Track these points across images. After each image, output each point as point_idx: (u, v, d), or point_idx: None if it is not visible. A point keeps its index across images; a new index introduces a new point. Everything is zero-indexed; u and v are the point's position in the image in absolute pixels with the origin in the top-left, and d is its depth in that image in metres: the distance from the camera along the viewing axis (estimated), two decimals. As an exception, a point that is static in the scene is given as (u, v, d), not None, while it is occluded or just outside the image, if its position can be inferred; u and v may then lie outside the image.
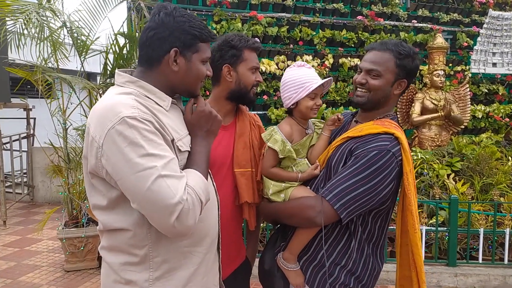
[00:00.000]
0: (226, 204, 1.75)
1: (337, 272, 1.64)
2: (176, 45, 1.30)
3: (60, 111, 4.43)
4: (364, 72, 1.68)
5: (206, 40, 1.36)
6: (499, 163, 5.07)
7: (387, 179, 1.53)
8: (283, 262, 1.73)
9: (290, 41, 5.79)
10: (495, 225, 3.95)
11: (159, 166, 1.13)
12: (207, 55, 1.38)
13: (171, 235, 1.19)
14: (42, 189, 7.54)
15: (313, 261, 1.69)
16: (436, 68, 5.61)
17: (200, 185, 1.23)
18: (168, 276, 1.28)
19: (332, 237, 1.66)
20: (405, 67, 1.63)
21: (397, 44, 1.64)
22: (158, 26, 1.30)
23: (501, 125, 6.21)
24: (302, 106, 1.72)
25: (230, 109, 1.86)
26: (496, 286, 3.87)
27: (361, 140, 1.59)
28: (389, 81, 1.64)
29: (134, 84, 1.30)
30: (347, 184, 1.52)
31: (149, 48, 1.31)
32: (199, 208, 1.20)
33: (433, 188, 4.57)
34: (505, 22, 6.04)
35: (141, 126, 1.15)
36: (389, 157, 1.52)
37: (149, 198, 1.12)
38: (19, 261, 4.66)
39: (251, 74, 1.79)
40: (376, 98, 1.66)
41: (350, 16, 6.13)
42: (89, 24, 4.64)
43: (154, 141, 1.16)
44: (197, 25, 1.33)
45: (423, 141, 5.61)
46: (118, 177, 1.16)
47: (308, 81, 1.69)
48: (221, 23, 5.53)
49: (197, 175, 1.26)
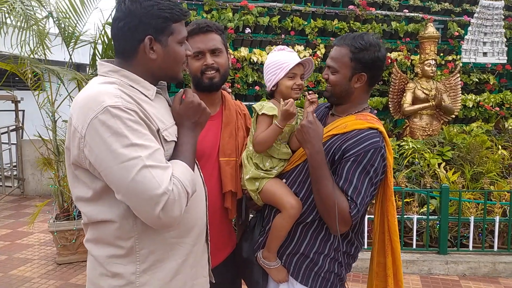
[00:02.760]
0: (216, 193, 1.75)
1: (321, 260, 1.69)
2: (149, 32, 1.24)
3: (49, 103, 4.37)
4: (327, 68, 1.75)
5: (179, 20, 1.30)
6: (489, 152, 5.12)
7: (382, 175, 1.65)
8: (263, 261, 1.74)
9: (282, 31, 5.75)
10: (485, 213, 4.00)
11: (143, 156, 1.10)
12: (183, 35, 1.32)
13: (157, 226, 1.17)
14: (32, 182, 7.46)
15: (296, 253, 1.72)
16: (427, 57, 5.62)
17: (186, 176, 1.21)
18: (155, 268, 1.26)
19: (312, 228, 1.70)
20: (361, 60, 1.65)
21: (355, 38, 1.67)
22: (126, 16, 1.24)
23: (491, 114, 6.25)
24: (282, 86, 1.75)
25: (214, 98, 1.83)
26: (485, 272, 3.93)
27: (349, 137, 1.62)
28: (345, 76, 1.68)
29: (117, 73, 1.26)
30: (364, 188, 1.57)
31: (122, 39, 1.27)
32: (185, 199, 1.18)
33: (424, 177, 4.60)
34: (496, 12, 6.05)
35: (124, 116, 1.12)
36: (382, 154, 1.60)
37: (133, 189, 1.10)
38: (10, 255, 4.62)
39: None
40: (337, 92, 1.72)
41: (342, 5, 6.09)
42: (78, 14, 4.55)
43: (138, 131, 1.13)
44: (166, 5, 1.26)
45: (414, 131, 5.63)
46: (101, 168, 1.13)
47: (286, 61, 1.72)
48: (212, 12, 5.47)
49: (183, 166, 1.24)
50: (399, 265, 1.74)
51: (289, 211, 1.66)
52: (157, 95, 1.35)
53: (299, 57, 1.78)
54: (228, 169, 1.76)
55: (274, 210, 1.77)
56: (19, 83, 8.42)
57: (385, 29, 6.06)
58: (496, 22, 6.08)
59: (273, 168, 1.76)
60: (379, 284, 1.81)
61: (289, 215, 1.67)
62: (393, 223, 1.72)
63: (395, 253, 1.74)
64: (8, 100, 7.05)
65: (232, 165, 1.78)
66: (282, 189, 1.72)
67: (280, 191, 1.71)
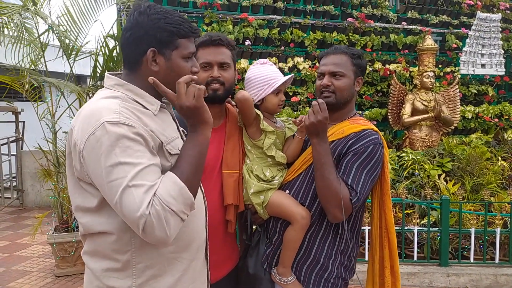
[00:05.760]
0: (218, 206, 1.73)
1: (330, 266, 1.73)
2: (153, 44, 1.24)
3: (49, 114, 4.38)
4: (327, 75, 1.79)
5: (186, 36, 1.29)
6: (489, 163, 5.11)
7: (380, 169, 1.73)
8: (280, 278, 1.73)
9: (281, 43, 5.80)
10: (486, 224, 3.98)
11: (129, 175, 1.09)
12: (190, 50, 1.31)
13: (151, 243, 1.16)
14: (31, 193, 7.44)
15: (306, 261, 1.74)
16: (425, 69, 5.65)
17: (170, 192, 1.13)
18: (152, 283, 1.25)
19: (320, 233, 1.74)
20: (360, 65, 1.82)
21: (347, 47, 1.85)
22: (133, 27, 1.25)
23: (490, 126, 6.27)
24: (268, 102, 1.79)
25: (218, 111, 1.82)
26: (487, 285, 3.90)
27: (349, 139, 1.71)
28: (351, 80, 1.80)
29: (123, 87, 1.27)
30: (363, 178, 1.64)
31: (128, 50, 1.28)
32: (171, 217, 1.12)
33: (424, 188, 4.59)
34: (493, 24, 6.11)
35: (119, 132, 1.12)
36: (381, 149, 1.70)
37: (119, 209, 1.11)
38: (8, 267, 4.58)
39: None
40: (344, 97, 1.79)
41: (341, 18, 6.16)
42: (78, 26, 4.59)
43: (130, 148, 1.12)
44: (174, 20, 1.26)
45: (414, 142, 5.64)
46: (97, 184, 1.16)
47: (273, 78, 1.77)
48: (212, 25, 5.51)
49: (171, 180, 1.16)
50: (395, 257, 1.83)
51: (300, 222, 1.68)
52: (162, 109, 1.35)
53: (279, 70, 1.85)
54: (231, 181, 1.75)
55: (280, 221, 1.77)
56: (20, 94, 8.44)
57: (384, 41, 6.12)
58: (494, 34, 6.14)
59: (274, 178, 1.77)
60: (377, 276, 1.88)
61: (300, 226, 1.69)
62: (390, 215, 1.82)
63: (392, 245, 1.82)
64: (9, 111, 7.07)
65: (235, 177, 1.77)
66: (289, 200, 1.74)
67: (287, 202, 1.73)
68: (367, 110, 5.95)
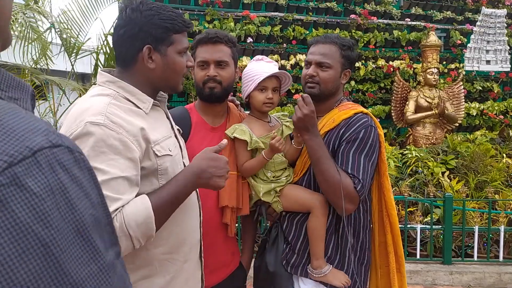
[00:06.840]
0: (217, 208, 1.69)
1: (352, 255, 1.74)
2: (148, 41, 1.22)
3: (51, 113, 4.40)
4: (314, 65, 1.74)
5: (180, 31, 1.28)
6: (494, 160, 5.07)
7: (377, 150, 1.70)
8: (316, 272, 1.68)
9: (284, 40, 5.77)
10: (490, 222, 3.94)
11: None
12: (184, 45, 1.30)
13: None
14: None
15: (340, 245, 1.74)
16: (429, 66, 5.60)
17: (136, 217, 1.09)
18: (143, 283, 1.23)
19: (335, 231, 1.74)
20: (349, 57, 1.75)
21: (338, 37, 1.78)
22: (127, 24, 1.22)
23: (495, 123, 6.20)
24: (253, 99, 1.73)
25: (218, 110, 1.79)
26: (491, 283, 3.86)
27: (340, 127, 1.68)
28: (338, 72, 1.75)
29: (114, 84, 1.24)
30: (362, 164, 1.62)
31: (122, 47, 1.25)
32: (124, 240, 1.07)
33: (428, 186, 4.56)
34: (498, 20, 6.03)
35: (98, 135, 1.09)
36: (373, 131, 1.67)
37: None
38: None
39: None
40: (328, 89, 1.74)
41: (344, 15, 6.11)
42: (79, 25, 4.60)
43: (104, 154, 1.09)
44: (168, 16, 1.24)
45: (418, 139, 5.59)
46: None
47: (258, 73, 1.68)
48: (214, 22, 5.49)
49: (144, 205, 1.12)
50: (398, 241, 1.78)
51: (318, 207, 1.66)
52: (155, 107, 1.32)
53: (278, 68, 1.74)
54: (228, 183, 1.72)
55: (296, 219, 1.75)
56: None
57: (387, 37, 6.07)
58: (499, 30, 6.07)
59: (278, 178, 1.74)
60: (382, 263, 1.83)
61: (321, 212, 1.66)
62: (389, 197, 1.77)
63: (394, 230, 1.77)
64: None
65: (233, 178, 1.71)
66: (302, 189, 1.73)
67: (302, 191, 1.73)
68: (370, 107, 5.90)
